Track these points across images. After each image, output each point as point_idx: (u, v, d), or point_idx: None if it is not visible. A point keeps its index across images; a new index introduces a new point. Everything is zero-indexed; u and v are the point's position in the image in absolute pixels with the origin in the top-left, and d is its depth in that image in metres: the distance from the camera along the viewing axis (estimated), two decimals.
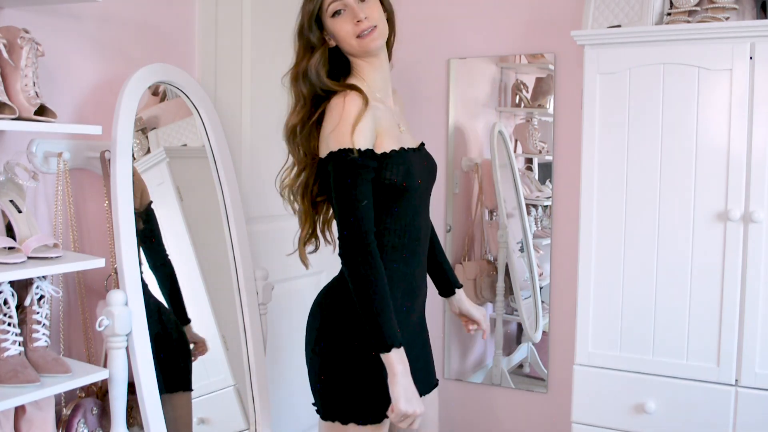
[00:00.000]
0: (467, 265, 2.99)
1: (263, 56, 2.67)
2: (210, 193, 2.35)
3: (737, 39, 2.13)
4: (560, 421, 2.82)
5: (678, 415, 2.24)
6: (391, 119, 1.73)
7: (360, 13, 1.66)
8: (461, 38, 2.96)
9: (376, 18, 1.69)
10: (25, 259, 1.71)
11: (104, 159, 2.07)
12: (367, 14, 1.68)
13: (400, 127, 1.75)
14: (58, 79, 2.00)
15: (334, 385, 1.69)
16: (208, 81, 2.44)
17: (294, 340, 2.96)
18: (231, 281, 2.37)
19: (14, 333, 1.74)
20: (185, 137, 2.38)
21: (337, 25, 1.69)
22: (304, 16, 1.72)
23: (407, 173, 1.67)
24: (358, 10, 1.67)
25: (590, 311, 2.37)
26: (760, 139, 2.13)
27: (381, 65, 1.75)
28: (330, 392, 1.70)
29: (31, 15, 1.91)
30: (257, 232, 2.63)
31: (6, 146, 1.89)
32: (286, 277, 2.83)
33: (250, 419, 2.35)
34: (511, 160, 2.96)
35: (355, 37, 1.68)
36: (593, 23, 2.38)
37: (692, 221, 2.22)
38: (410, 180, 1.67)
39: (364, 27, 1.67)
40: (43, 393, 1.70)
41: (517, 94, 2.94)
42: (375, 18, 1.69)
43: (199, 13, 2.41)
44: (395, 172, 1.65)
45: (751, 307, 2.15)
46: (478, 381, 3.00)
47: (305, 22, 1.71)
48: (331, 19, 1.69)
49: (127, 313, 1.90)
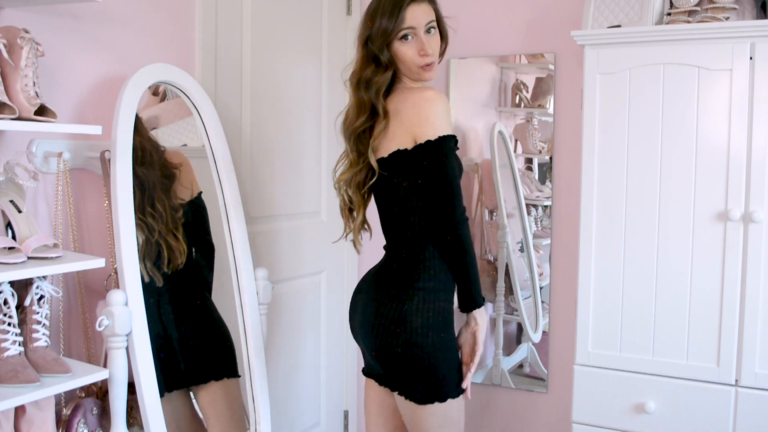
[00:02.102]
0: None
1: (263, 56, 2.67)
2: (210, 193, 2.35)
3: (737, 39, 2.13)
4: (560, 421, 2.82)
5: (678, 415, 2.25)
6: None
7: (429, 48, 1.83)
8: (461, 38, 2.95)
9: (436, 52, 1.87)
10: (25, 259, 1.71)
11: (104, 159, 2.07)
12: (433, 48, 1.85)
13: None
14: (58, 79, 2.00)
15: (453, 364, 1.87)
16: (208, 81, 2.44)
17: (294, 340, 2.97)
18: (231, 281, 2.36)
19: (14, 333, 1.74)
20: (185, 137, 2.38)
21: (403, 48, 1.84)
22: (375, 30, 1.84)
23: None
24: (427, 44, 1.83)
25: (590, 311, 2.37)
26: (760, 139, 2.13)
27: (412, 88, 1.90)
28: (451, 372, 1.86)
29: (31, 15, 1.91)
30: (257, 232, 2.63)
31: (6, 146, 1.89)
32: (286, 277, 2.84)
33: (250, 419, 2.35)
34: (511, 160, 2.96)
35: (418, 66, 1.84)
36: (593, 23, 2.38)
37: (692, 221, 2.22)
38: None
39: (428, 62, 1.84)
40: (43, 393, 1.70)
41: (517, 94, 2.94)
42: (436, 52, 1.87)
43: (199, 13, 2.41)
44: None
45: (751, 307, 2.15)
46: (478, 381, 3.00)
47: (376, 39, 1.83)
48: (399, 41, 1.83)
49: (127, 313, 1.90)
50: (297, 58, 2.87)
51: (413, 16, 1.81)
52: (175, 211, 2.17)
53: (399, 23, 1.81)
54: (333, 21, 3.03)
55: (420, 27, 1.82)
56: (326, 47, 3.01)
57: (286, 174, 2.84)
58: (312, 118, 2.98)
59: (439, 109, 1.79)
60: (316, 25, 2.96)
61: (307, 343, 2.97)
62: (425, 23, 1.83)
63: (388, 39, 1.82)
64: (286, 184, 2.84)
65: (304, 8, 2.89)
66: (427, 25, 1.84)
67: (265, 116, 2.72)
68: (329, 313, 3.07)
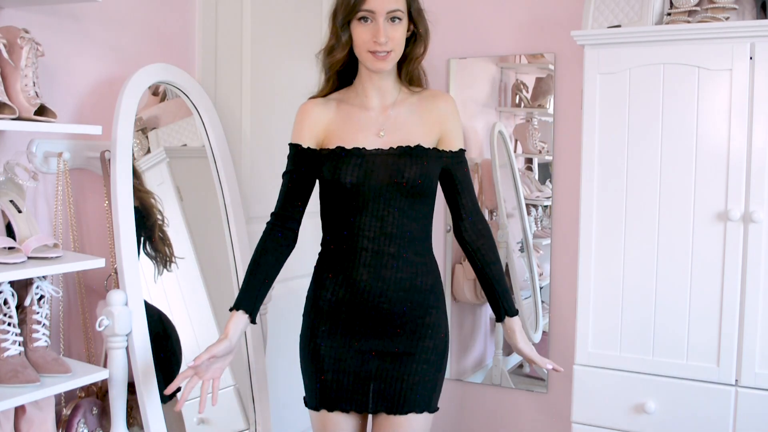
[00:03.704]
0: (467, 265, 2.99)
1: (263, 56, 2.67)
2: (210, 193, 2.35)
3: (737, 39, 2.13)
4: (560, 421, 2.82)
5: (678, 415, 2.24)
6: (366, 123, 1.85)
7: (382, 35, 1.73)
8: (461, 38, 2.96)
9: (396, 43, 1.77)
10: (25, 259, 1.71)
11: (104, 159, 2.07)
12: (391, 36, 1.75)
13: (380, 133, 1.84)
14: (58, 79, 2.00)
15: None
16: (208, 81, 2.44)
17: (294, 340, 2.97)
18: (231, 281, 2.36)
19: (14, 333, 1.74)
20: (185, 137, 2.38)
21: (358, 29, 1.76)
22: (338, 5, 1.79)
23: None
24: (382, 31, 1.73)
25: (590, 311, 2.37)
26: (760, 139, 2.13)
27: (380, 78, 1.83)
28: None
29: (31, 15, 1.91)
30: (257, 232, 2.62)
31: (6, 146, 1.89)
32: (286, 277, 2.83)
33: (250, 419, 2.35)
34: (511, 160, 2.95)
35: (368, 51, 1.76)
36: (593, 23, 2.38)
37: (692, 221, 2.22)
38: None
39: (379, 49, 1.75)
40: (43, 393, 1.70)
41: (517, 94, 2.94)
42: (395, 42, 1.77)
43: (199, 13, 2.41)
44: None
45: (751, 307, 2.15)
46: (478, 381, 3.00)
47: (338, 14, 1.79)
48: (356, 22, 1.76)
49: (127, 313, 1.90)
50: (297, 58, 2.87)
51: (375, 0, 1.73)
52: None
53: (358, 3, 1.74)
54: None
55: (380, 12, 1.73)
56: None
57: None
58: None
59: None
60: (316, 25, 2.96)
61: None
62: (387, 10, 1.74)
63: (349, 17, 1.76)
64: None
65: (304, 8, 2.89)
66: (391, 13, 1.74)
67: (265, 116, 2.72)
68: None
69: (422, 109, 1.87)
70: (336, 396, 1.79)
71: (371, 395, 1.78)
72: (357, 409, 1.79)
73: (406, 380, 1.77)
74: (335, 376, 1.79)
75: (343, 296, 1.79)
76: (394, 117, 1.85)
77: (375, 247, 1.78)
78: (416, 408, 1.77)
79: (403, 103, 1.87)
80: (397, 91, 1.88)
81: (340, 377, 1.79)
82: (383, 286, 1.77)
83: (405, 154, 1.80)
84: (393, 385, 1.77)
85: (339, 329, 1.80)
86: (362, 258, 1.78)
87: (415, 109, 1.87)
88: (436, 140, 1.87)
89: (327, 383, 1.79)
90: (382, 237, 1.78)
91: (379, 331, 1.78)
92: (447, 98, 1.93)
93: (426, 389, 1.79)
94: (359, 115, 1.84)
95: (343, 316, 1.80)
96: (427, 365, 1.80)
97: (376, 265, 1.78)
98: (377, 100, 1.86)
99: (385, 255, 1.78)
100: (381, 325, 1.78)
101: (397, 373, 1.78)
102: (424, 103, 1.88)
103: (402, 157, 1.79)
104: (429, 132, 1.85)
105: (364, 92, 1.86)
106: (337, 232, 1.82)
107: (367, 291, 1.77)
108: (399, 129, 1.83)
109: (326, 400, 1.79)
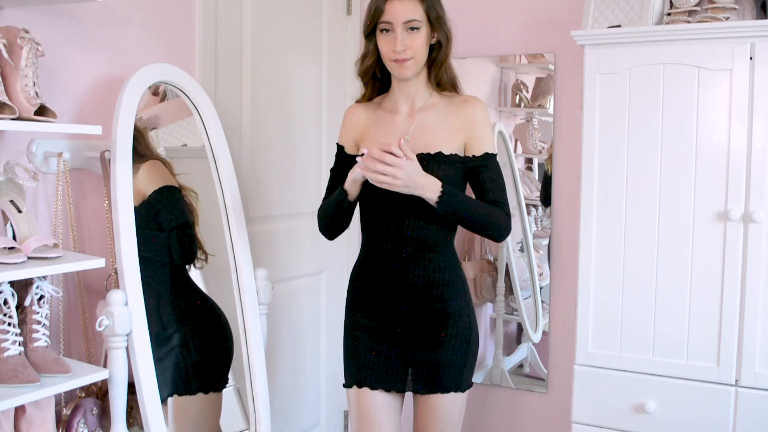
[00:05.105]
0: (467, 265, 2.99)
1: (263, 56, 2.67)
2: (210, 193, 2.35)
3: (737, 39, 2.13)
4: (560, 421, 2.82)
5: (678, 415, 2.25)
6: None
7: (399, 44, 1.86)
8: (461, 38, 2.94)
9: (415, 50, 1.89)
10: (25, 259, 1.71)
11: (104, 159, 2.07)
12: (409, 45, 1.88)
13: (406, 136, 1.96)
14: (58, 79, 2.00)
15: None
16: (208, 81, 2.44)
17: (294, 340, 2.97)
18: (231, 281, 2.36)
19: (14, 333, 1.74)
20: (185, 137, 2.38)
21: (380, 41, 1.92)
22: (365, 18, 1.94)
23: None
24: (399, 40, 1.86)
25: (590, 311, 2.37)
26: (760, 139, 2.13)
27: (407, 84, 1.96)
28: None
29: (31, 15, 1.91)
30: (257, 232, 2.63)
31: (6, 146, 1.89)
32: (287, 277, 2.84)
33: (250, 419, 2.35)
34: (511, 160, 2.95)
35: (390, 59, 1.90)
36: (593, 23, 2.38)
37: (692, 221, 2.22)
38: None
39: (398, 57, 1.88)
40: (43, 393, 1.70)
41: (517, 94, 2.94)
42: (415, 50, 1.89)
43: (199, 13, 2.41)
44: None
45: (751, 307, 2.15)
46: (478, 381, 3.00)
47: (366, 27, 1.94)
48: (379, 33, 1.91)
49: (127, 313, 1.90)
50: (297, 58, 2.87)
51: (392, 11, 1.87)
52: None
53: (376, 15, 1.89)
54: (333, 21, 3.03)
55: (397, 23, 1.86)
56: (326, 47, 3.01)
57: (285, 174, 2.84)
58: (312, 118, 2.98)
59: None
60: (316, 25, 2.96)
61: (307, 343, 2.97)
62: (404, 20, 1.86)
63: (372, 28, 1.91)
64: (285, 184, 2.84)
65: (304, 8, 2.89)
66: (408, 23, 1.87)
67: (265, 116, 2.72)
68: (329, 313, 3.07)
69: (450, 114, 1.97)
70: (375, 377, 1.98)
71: (409, 378, 1.98)
72: (396, 389, 1.98)
73: (437, 366, 1.95)
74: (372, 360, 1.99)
75: (372, 293, 1.99)
76: (420, 121, 1.96)
77: (395, 247, 1.94)
78: (448, 388, 1.97)
79: (432, 108, 1.98)
80: (428, 96, 2.00)
81: (377, 362, 1.98)
82: (403, 284, 1.94)
83: (425, 159, 1.90)
84: (425, 370, 1.96)
85: (371, 322, 1.99)
86: (384, 258, 1.96)
87: (443, 114, 1.97)
88: (461, 145, 1.96)
89: (364, 366, 1.99)
90: (402, 238, 1.93)
91: (406, 325, 1.96)
92: (476, 103, 2.01)
93: (453, 373, 1.97)
94: (389, 120, 1.99)
95: (373, 310, 1.99)
96: (452, 351, 1.96)
97: (396, 265, 1.94)
98: (405, 105, 1.99)
99: (402, 255, 1.94)
100: (407, 321, 1.96)
101: (430, 360, 1.96)
102: (452, 108, 1.98)
103: (422, 162, 1.89)
104: (453, 137, 1.95)
105: (395, 97, 2.00)
106: (366, 232, 2.02)
107: (391, 289, 1.95)
108: (423, 133, 1.95)
109: (363, 380, 1.98)
